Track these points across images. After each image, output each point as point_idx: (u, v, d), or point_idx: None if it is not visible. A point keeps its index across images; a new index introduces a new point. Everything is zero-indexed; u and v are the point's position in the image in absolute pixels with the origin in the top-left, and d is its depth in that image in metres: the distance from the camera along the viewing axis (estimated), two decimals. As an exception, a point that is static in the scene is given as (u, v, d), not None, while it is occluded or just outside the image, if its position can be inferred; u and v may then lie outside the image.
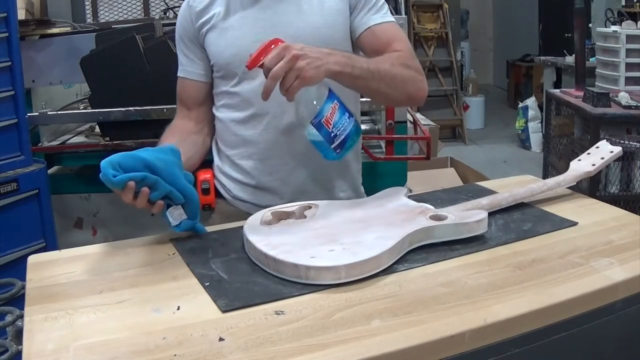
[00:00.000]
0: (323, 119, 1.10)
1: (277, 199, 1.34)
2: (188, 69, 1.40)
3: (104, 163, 0.99)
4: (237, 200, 1.41)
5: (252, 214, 1.15)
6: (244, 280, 0.94)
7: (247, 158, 1.36)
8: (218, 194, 1.42)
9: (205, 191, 1.37)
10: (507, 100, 7.65)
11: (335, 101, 1.11)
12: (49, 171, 2.23)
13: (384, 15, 1.34)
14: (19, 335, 1.08)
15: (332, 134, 1.10)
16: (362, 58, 1.22)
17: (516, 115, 5.68)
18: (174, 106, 2.20)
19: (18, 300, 1.13)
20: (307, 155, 1.33)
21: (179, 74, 1.42)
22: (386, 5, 1.37)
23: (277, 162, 1.34)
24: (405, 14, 3.63)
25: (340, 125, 1.11)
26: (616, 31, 3.36)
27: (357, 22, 1.34)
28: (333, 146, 1.11)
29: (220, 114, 1.40)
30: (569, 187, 1.32)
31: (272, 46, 1.07)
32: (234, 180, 1.40)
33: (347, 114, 1.12)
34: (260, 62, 1.06)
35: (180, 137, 1.34)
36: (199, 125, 1.41)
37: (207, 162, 1.46)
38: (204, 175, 1.39)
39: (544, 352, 0.86)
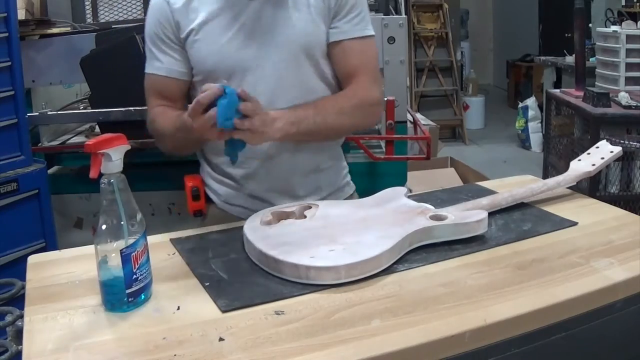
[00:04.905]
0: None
1: (268, 205, 1.31)
2: (170, 67, 1.31)
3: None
4: (228, 204, 1.38)
5: (243, 218, 1.14)
6: (244, 280, 0.94)
7: (235, 166, 1.34)
8: (208, 199, 1.40)
9: (196, 197, 1.36)
10: (507, 100, 7.65)
11: None
12: (49, 171, 2.23)
13: (363, 29, 1.30)
14: (19, 335, 1.08)
15: None
16: (311, 110, 1.22)
17: (516, 115, 5.67)
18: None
19: (18, 300, 1.13)
20: (294, 160, 1.32)
21: (155, 72, 1.33)
22: (368, 16, 1.33)
23: (265, 170, 1.32)
24: (405, 14, 3.64)
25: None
26: (616, 31, 3.36)
27: (336, 29, 1.29)
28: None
29: None
30: (569, 187, 1.32)
31: None
32: (225, 185, 1.37)
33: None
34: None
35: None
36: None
37: (195, 167, 1.45)
38: (193, 181, 1.38)
39: (544, 352, 0.86)
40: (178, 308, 0.86)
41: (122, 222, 0.85)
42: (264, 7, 1.26)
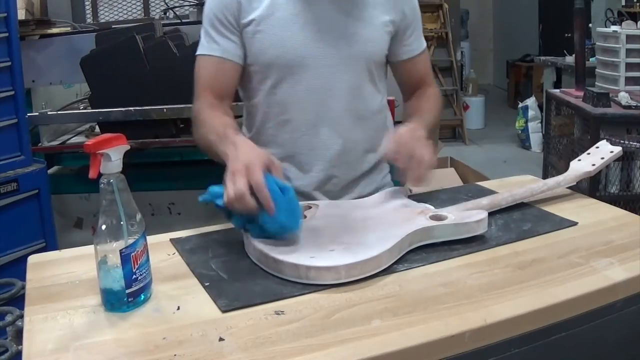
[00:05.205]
0: None
1: (309, 200, 1.32)
2: (229, 49, 1.26)
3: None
4: None
5: None
6: (244, 280, 0.94)
7: (281, 160, 1.31)
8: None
9: None
10: (507, 100, 7.65)
11: None
12: (49, 171, 2.24)
13: (423, 41, 1.40)
14: (19, 335, 1.08)
15: None
16: (422, 117, 1.30)
17: (516, 115, 5.67)
18: (174, 106, 2.22)
19: (18, 300, 1.13)
20: (342, 159, 1.33)
21: (210, 53, 1.27)
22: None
23: (315, 168, 1.32)
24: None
25: None
26: (616, 31, 3.35)
27: (407, 47, 1.36)
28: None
29: (253, 109, 1.34)
30: (569, 187, 1.32)
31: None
32: None
33: None
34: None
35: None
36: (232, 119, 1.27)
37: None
38: None
39: (544, 352, 0.86)
40: (178, 308, 0.86)
41: (121, 222, 0.85)
42: (330, 7, 1.26)
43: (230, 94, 1.32)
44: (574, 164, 1.33)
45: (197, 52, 1.30)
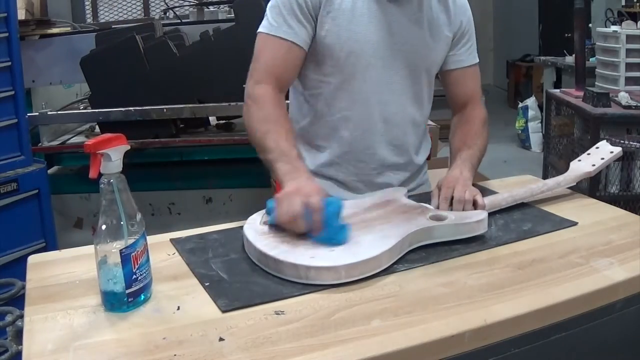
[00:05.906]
0: None
1: (349, 193, 1.34)
2: (302, 35, 1.24)
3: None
4: None
5: None
6: (244, 280, 0.94)
7: (337, 157, 1.35)
8: None
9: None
10: (507, 100, 7.65)
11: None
12: (49, 171, 2.24)
13: (475, 56, 1.41)
14: (19, 335, 1.08)
15: None
16: (473, 156, 1.29)
17: (516, 115, 5.67)
18: (174, 106, 2.22)
19: (18, 300, 1.13)
20: (394, 160, 1.35)
21: (282, 35, 1.24)
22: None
23: (368, 167, 1.34)
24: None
25: None
26: (616, 31, 3.35)
27: (456, 57, 1.38)
28: None
29: (313, 99, 1.34)
30: (569, 187, 1.32)
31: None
32: (318, 175, 1.37)
33: None
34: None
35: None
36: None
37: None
38: None
39: (544, 352, 0.86)
40: (178, 308, 0.86)
41: (121, 222, 0.85)
42: (401, 14, 1.28)
43: (290, 84, 1.32)
44: (574, 165, 1.33)
45: (264, 30, 1.27)
